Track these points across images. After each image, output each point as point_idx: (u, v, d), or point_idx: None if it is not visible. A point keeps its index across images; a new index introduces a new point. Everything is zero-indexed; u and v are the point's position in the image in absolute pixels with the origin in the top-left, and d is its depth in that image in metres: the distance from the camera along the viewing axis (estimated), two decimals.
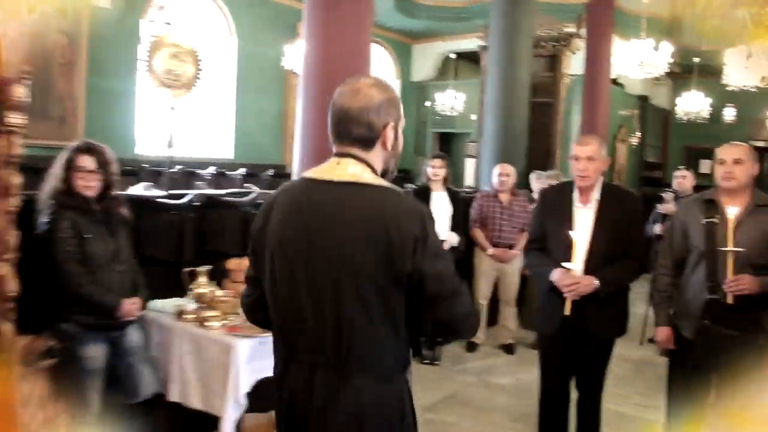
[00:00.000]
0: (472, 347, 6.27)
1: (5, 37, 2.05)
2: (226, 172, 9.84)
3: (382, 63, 14.25)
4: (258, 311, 2.01)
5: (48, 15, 2.20)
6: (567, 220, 3.42)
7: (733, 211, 3.12)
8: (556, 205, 3.53)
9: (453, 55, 13.91)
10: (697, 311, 3.24)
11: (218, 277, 3.99)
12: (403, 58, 14.53)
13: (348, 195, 1.78)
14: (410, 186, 7.66)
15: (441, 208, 5.73)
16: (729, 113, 14.19)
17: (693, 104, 13.16)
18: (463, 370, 5.66)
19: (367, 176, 1.80)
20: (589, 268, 3.30)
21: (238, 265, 3.96)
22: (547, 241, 3.52)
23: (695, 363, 3.27)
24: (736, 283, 3.08)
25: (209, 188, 7.66)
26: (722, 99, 13.98)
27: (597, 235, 3.35)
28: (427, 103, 13.65)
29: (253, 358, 3.23)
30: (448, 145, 15.03)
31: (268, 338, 3.27)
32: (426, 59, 14.52)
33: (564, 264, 3.28)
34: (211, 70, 10.72)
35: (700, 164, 14.74)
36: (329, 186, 1.80)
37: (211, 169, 9.56)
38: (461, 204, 5.93)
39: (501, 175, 6.18)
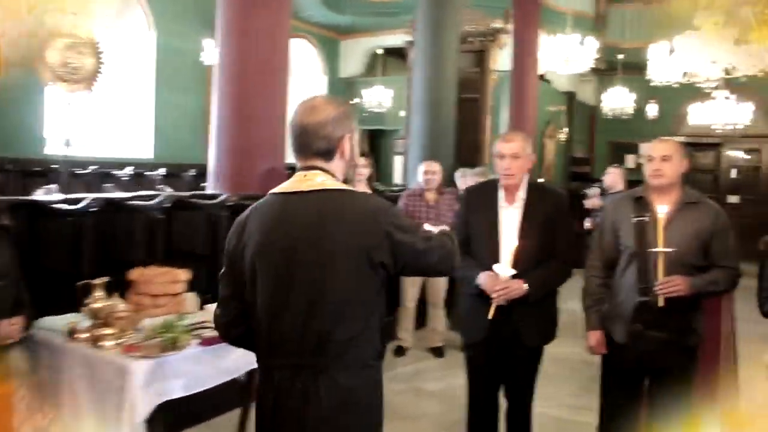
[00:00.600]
0: (400, 351, 6.09)
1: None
2: (145, 173, 9.42)
3: (308, 58, 13.94)
4: (235, 329, 2.12)
5: None
6: (492, 221, 3.26)
7: (662, 209, 2.99)
8: (481, 205, 3.36)
9: (380, 51, 13.69)
10: (628, 315, 3.11)
11: (122, 289, 3.68)
12: (331, 54, 14.25)
13: (321, 200, 1.94)
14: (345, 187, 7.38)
15: None
16: (652, 109, 14.44)
17: (618, 100, 13.32)
18: (392, 377, 5.44)
19: (333, 183, 1.98)
20: (518, 271, 3.11)
21: (142, 275, 3.65)
22: (472, 242, 3.32)
23: (628, 366, 3.16)
24: (667, 285, 2.95)
25: (122, 190, 7.27)
26: (646, 95, 14.19)
27: (524, 235, 3.17)
28: (356, 100, 13.38)
29: (153, 380, 2.92)
30: (378, 142, 14.84)
31: (169, 358, 3.06)
32: (354, 55, 14.29)
33: (494, 267, 3.10)
34: (127, 64, 10.27)
35: (626, 159, 14.98)
36: (302, 195, 1.96)
37: (129, 170, 9.12)
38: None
39: (426, 173, 5.98)
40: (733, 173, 15.29)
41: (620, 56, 13.29)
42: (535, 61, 9.46)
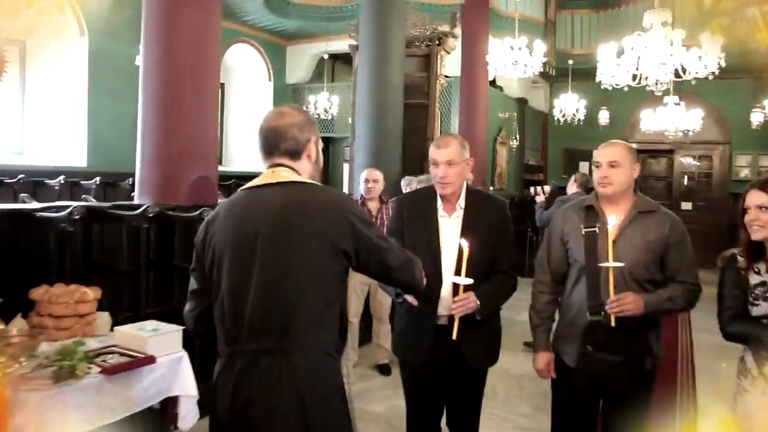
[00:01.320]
0: (383, 369, 5.80)
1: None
2: (81, 182, 8.95)
3: (254, 64, 13.57)
4: (202, 324, 2.20)
5: None
6: (431, 233, 2.96)
7: (612, 220, 2.72)
8: (417, 216, 3.04)
9: (326, 56, 13.40)
10: (579, 335, 2.82)
11: (26, 309, 3.32)
12: (277, 60, 13.89)
13: (288, 191, 2.07)
14: None
15: None
16: (604, 115, 14.38)
17: (569, 106, 13.23)
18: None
19: (296, 177, 2.10)
20: (458, 286, 2.79)
21: (44, 294, 3.28)
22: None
23: (580, 389, 2.87)
24: (618, 304, 2.67)
25: (53, 200, 6.84)
26: (597, 101, 14.11)
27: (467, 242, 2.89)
28: (308, 107, 13.06)
29: (46, 416, 2.58)
30: (327, 149, 14.51)
31: (66, 390, 2.70)
32: (301, 61, 13.96)
33: (453, 278, 2.76)
34: (58, 69, 9.81)
35: (580, 166, 14.91)
36: (271, 187, 2.09)
37: (60, 179, 8.64)
38: None
39: (367, 181, 5.66)
40: (686, 180, 15.38)
41: (570, 62, 13.22)
42: (485, 67, 9.26)
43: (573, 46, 14.10)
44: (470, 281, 2.68)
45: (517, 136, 13.70)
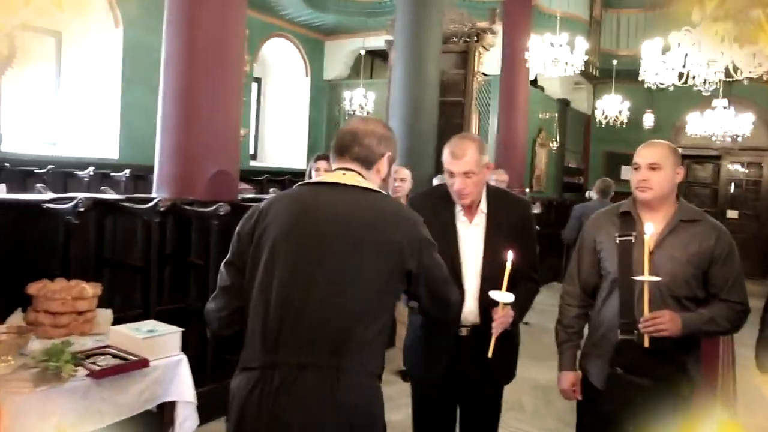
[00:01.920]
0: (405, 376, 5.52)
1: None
2: (111, 174, 8.89)
3: (291, 60, 13.44)
4: (229, 326, 2.00)
5: None
6: (450, 241, 2.70)
7: (650, 227, 2.44)
8: (434, 220, 2.76)
9: (363, 52, 13.20)
10: (607, 354, 2.56)
11: (24, 304, 3.19)
12: (315, 55, 13.74)
13: (356, 195, 1.95)
14: None
15: None
16: (648, 119, 13.98)
17: (612, 107, 12.82)
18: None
19: (368, 183, 1.98)
20: (484, 297, 2.59)
21: (42, 289, 3.13)
22: None
23: (607, 413, 2.60)
24: (653, 322, 2.40)
25: (83, 191, 6.77)
26: (642, 104, 13.76)
27: (490, 256, 2.65)
28: (344, 103, 12.89)
29: (26, 420, 2.43)
30: None
31: (50, 393, 2.53)
32: (338, 57, 13.77)
33: (492, 294, 2.50)
34: (93, 60, 9.78)
35: (622, 170, 14.58)
36: (339, 188, 1.96)
37: (90, 170, 8.59)
38: None
39: (395, 180, 5.46)
40: (732, 187, 14.85)
41: (615, 62, 12.80)
42: (525, 65, 8.97)
43: (618, 47, 13.66)
44: (512, 298, 2.47)
45: (558, 137, 13.31)
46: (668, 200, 2.62)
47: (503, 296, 2.46)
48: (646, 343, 2.42)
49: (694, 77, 5.95)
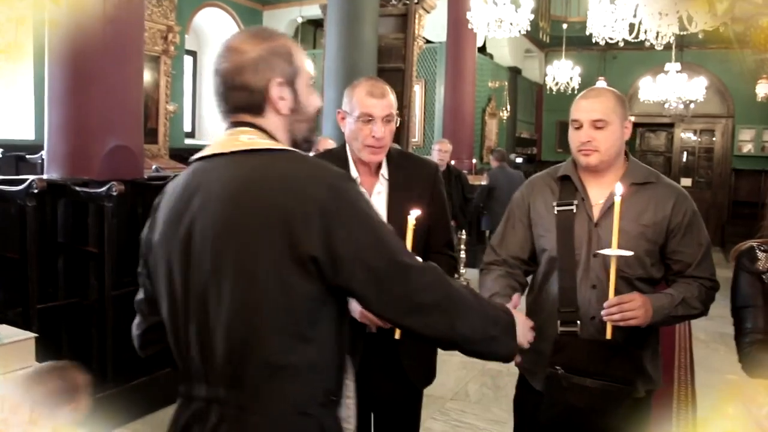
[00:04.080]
0: None
1: None
2: (27, 156, 8.21)
3: (227, 30, 12.76)
4: (148, 345, 1.58)
5: None
6: None
7: (620, 188, 1.95)
8: None
9: (300, 20, 12.58)
10: (546, 350, 2.08)
11: None
12: (253, 26, 13.10)
13: (244, 166, 1.39)
14: None
15: None
16: (601, 86, 13.64)
17: (563, 74, 12.47)
18: None
19: (264, 143, 1.42)
20: None
21: None
22: None
23: (547, 422, 2.13)
24: (620, 308, 1.95)
25: None
26: (594, 71, 13.53)
27: (394, 229, 2.18)
28: None
29: None
30: None
31: None
32: (278, 27, 13.06)
33: None
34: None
35: None
36: (219, 160, 1.42)
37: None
38: None
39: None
40: (686, 156, 14.75)
41: (565, 26, 12.43)
42: (472, 31, 8.52)
43: (569, 14, 13.32)
44: None
45: (509, 107, 12.90)
46: (616, 161, 2.16)
47: None
48: (609, 335, 1.97)
49: (645, 31, 5.53)
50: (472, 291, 1.51)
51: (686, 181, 14.53)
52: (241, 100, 1.46)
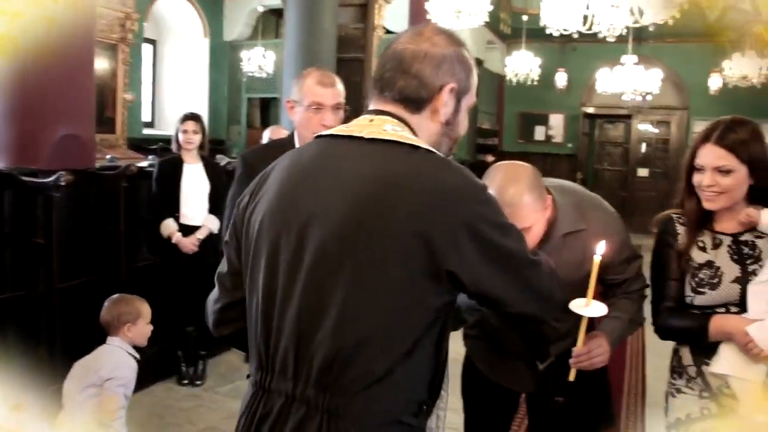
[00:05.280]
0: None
1: None
2: None
3: (188, 19, 12.60)
4: (225, 324, 1.49)
5: None
6: None
7: (601, 248, 1.89)
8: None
9: (260, 8, 12.47)
10: None
11: None
12: (214, 15, 12.89)
13: (382, 157, 1.29)
14: (224, 158, 6.54)
15: (196, 184, 4.52)
16: (561, 78, 13.86)
17: (523, 65, 12.57)
18: (233, 392, 4.43)
19: (410, 138, 1.31)
20: None
21: None
22: None
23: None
24: (589, 356, 2.00)
25: None
26: (554, 63, 13.62)
27: None
28: (241, 64, 12.16)
29: None
30: (270, 112, 13.64)
31: None
32: (239, 16, 12.96)
33: None
34: None
35: (536, 131, 14.51)
36: (354, 144, 1.32)
37: None
38: (222, 178, 4.66)
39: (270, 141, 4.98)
40: (644, 147, 14.99)
41: (525, 18, 12.52)
42: (430, 20, 8.51)
43: (530, 5, 13.40)
44: None
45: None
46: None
47: None
48: (572, 377, 1.98)
49: (599, 23, 5.60)
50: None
51: (643, 172, 14.78)
52: (409, 88, 1.38)
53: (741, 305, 1.93)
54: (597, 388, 2.28)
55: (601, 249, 1.83)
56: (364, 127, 1.36)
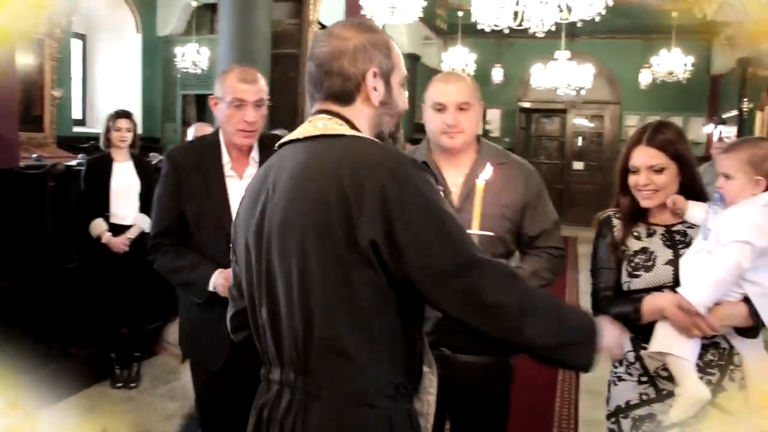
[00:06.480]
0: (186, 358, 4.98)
1: None
2: None
3: (119, 13, 12.28)
4: (239, 329, 1.62)
5: None
6: (217, 197, 2.31)
7: (488, 172, 1.98)
8: (198, 177, 2.34)
9: (194, 3, 12.25)
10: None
11: None
12: (146, 9, 12.58)
13: (312, 150, 1.42)
14: (157, 156, 6.35)
15: (126, 183, 4.43)
16: (497, 73, 14.06)
17: (458, 60, 12.69)
18: (168, 394, 4.36)
19: (338, 128, 1.44)
20: None
21: None
22: (189, 231, 2.33)
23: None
24: None
25: None
26: (490, 58, 13.84)
27: None
28: (175, 60, 11.92)
29: None
30: (204, 108, 13.41)
31: None
32: (172, 10, 12.64)
33: None
34: None
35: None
36: (292, 146, 1.48)
37: None
38: (154, 177, 4.57)
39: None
40: (580, 141, 15.31)
41: (460, 14, 12.63)
42: (365, 16, 8.52)
43: (465, 2, 13.51)
44: None
45: (407, 93, 12.97)
46: (472, 143, 2.28)
47: None
48: None
49: (529, 19, 5.70)
50: (551, 296, 1.44)
51: (579, 165, 15.11)
52: (335, 86, 1.48)
53: (675, 287, 2.01)
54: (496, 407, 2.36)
55: (486, 174, 1.91)
56: (302, 129, 1.49)
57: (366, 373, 1.37)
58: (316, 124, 1.47)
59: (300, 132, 1.48)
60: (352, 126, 1.48)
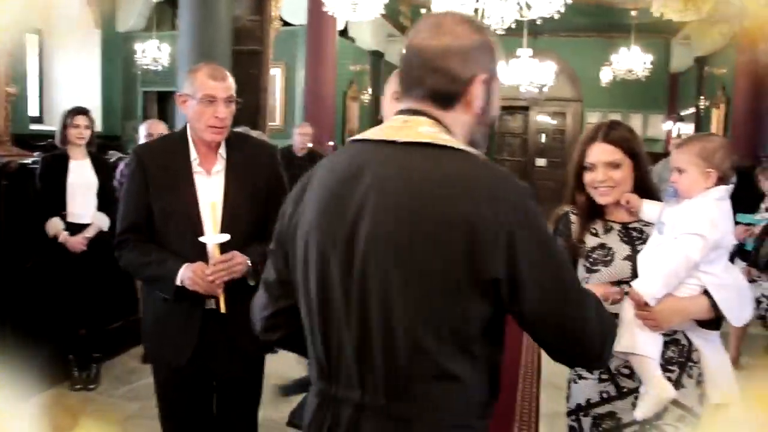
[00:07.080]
0: (147, 358, 4.91)
1: None
2: None
3: (77, 8, 12.07)
4: (274, 329, 1.51)
5: None
6: (187, 197, 2.32)
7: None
8: (166, 173, 2.36)
9: None
10: None
11: None
12: (105, 4, 12.44)
13: (420, 161, 1.27)
14: (116, 154, 6.33)
15: (83, 181, 4.37)
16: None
17: None
18: (129, 394, 4.30)
19: (445, 138, 1.30)
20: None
21: None
22: (156, 227, 2.34)
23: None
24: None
25: None
26: None
27: (230, 208, 2.33)
28: (137, 58, 11.76)
29: None
30: (165, 104, 13.26)
31: None
32: (133, 6, 12.49)
33: (203, 239, 2.24)
34: None
35: None
36: (390, 149, 1.30)
37: None
38: (111, 175, 4.52)
39: (149, 136, 4.87)
40: (543, 138, 15.48)
41: (423, 11, 12.65)
42: (332, 15, 8.51)
43: None
44: (227, 237, 2.22)
45: (370, 90, 13.02)
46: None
47: (214, 238, 2.23)
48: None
49: (489, 16, 5.73)
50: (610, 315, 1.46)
51: (541, 162, 15.30)
52: (439, 86, 1.34)
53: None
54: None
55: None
56: (398, 129, 1.34)
57: (468, 395, 1.34)
58: (417, 129, 1.32)
59: (396, 133, 1.33)
60: (450, 133, 1.36)
